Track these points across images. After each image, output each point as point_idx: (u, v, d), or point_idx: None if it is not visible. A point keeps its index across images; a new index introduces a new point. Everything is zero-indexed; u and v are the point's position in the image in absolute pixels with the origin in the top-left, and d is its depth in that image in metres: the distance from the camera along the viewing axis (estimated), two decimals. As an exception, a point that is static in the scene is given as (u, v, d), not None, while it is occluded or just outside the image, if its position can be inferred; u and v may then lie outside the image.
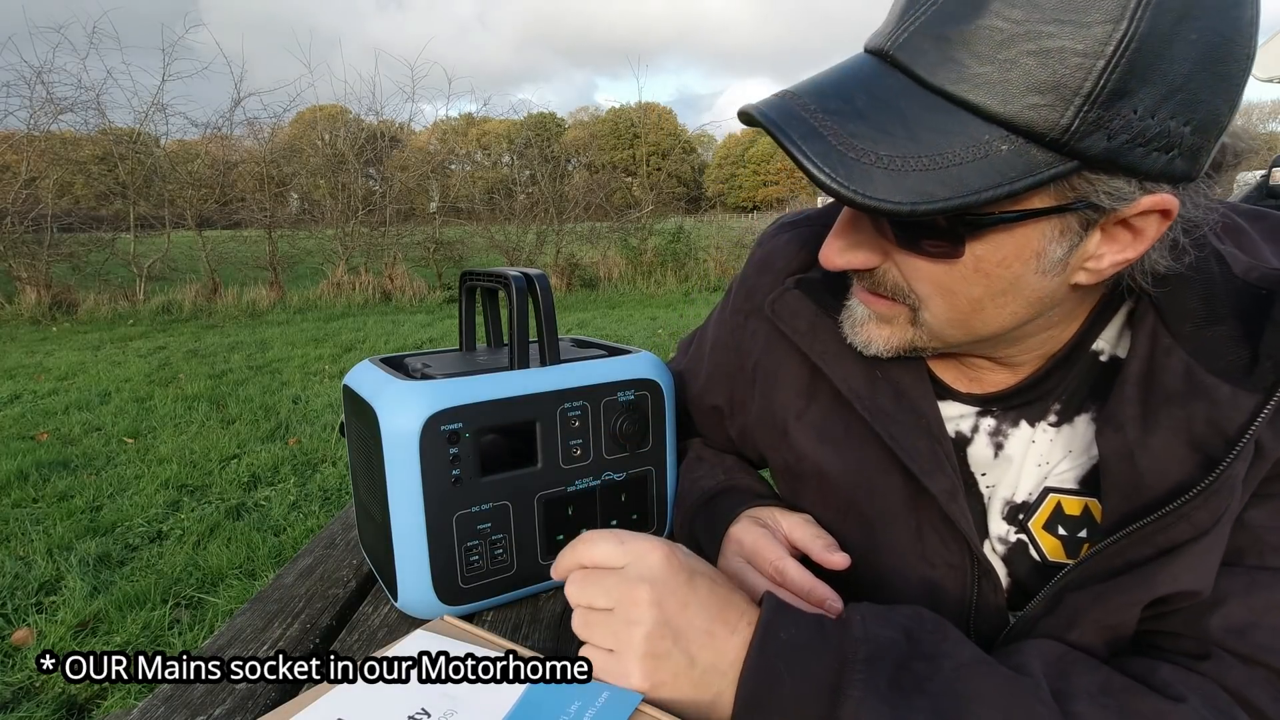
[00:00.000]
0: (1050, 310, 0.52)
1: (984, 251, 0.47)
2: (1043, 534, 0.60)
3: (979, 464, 0.62)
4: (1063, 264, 0.48)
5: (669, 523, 0.77)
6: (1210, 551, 0.48)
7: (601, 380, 0.69)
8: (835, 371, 0.63)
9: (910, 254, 0.49)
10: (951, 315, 0.51)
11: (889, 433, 0.60)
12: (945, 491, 0.59)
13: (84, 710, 1.62)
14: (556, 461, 0.67)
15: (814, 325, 0.64)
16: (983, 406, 0.61)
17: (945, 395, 0.63)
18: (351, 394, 0.67)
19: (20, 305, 7.62)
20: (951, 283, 0.49)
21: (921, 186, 0.42)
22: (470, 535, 0.64)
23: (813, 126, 0.44)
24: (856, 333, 0.57)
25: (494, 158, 17.92)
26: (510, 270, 0.67)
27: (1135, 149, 0.42)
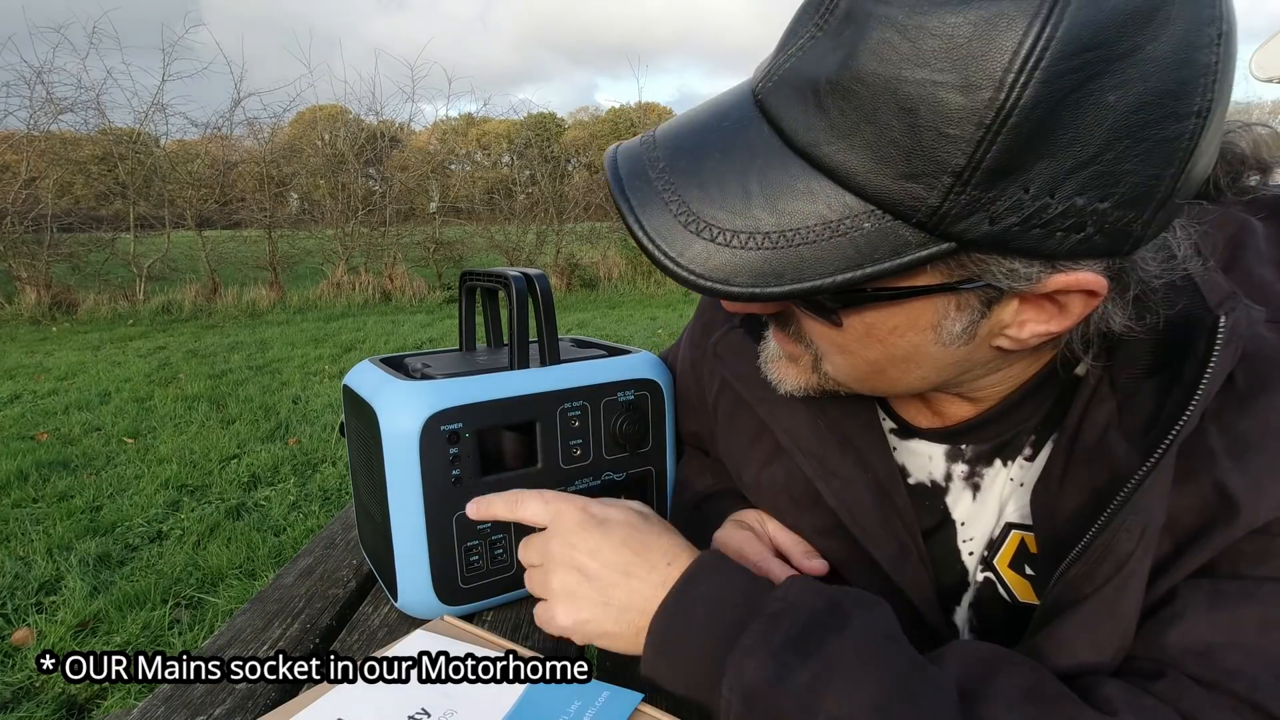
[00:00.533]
0: (983, 369, 0.47)
1: (873, 319, 0.43)
2: (1009, 573, 0.55)
3: (960, 513, 0.57)
4: (968, 335, 0.43)
5: (669, 518, 0.77)
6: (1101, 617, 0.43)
7: (601, 380, 0.68)
8: (778, 422, 0.60)
9: (803, 315, 0.46)
10: (852, 373, 0.48)
11: (830, 489, 0.57)
12: (890, 556, 0.55)
13: (84, 710, 1.62)
14: (557, 461, 0.67)
15: (755, 371, 0.58)
16: (950, 444, 0.57)
17: (909, 434, 0.58)
18: (351, 394, 0.67)
19: (20, 305, 7.61)
20: (846, 344, 0.45)
21: (766, 267, 0.37)
22: (470, 535, 0.64)
23: (656, 190, 0.40)
24: (769, 369, 0.55)
25: (494, 158, 17.91)
26: (510, 270, 0.67)
27: (1030, 231, 0.36)
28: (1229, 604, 0.41)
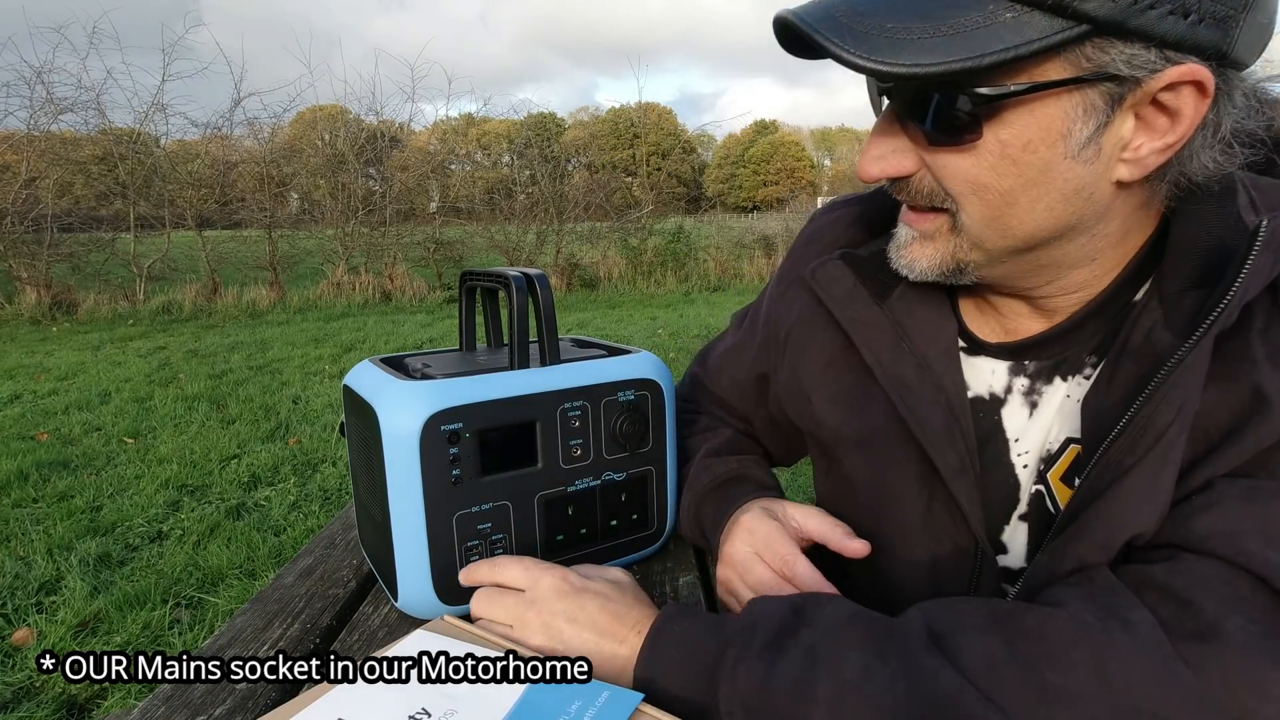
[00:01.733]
0: (1093, 217, 0.50)
1: (1008, 136, 0.46)
2: (1059, 485, 0.58)
3: (1014, 428, 0.60)
4: (1094, 148, 0.46)
5: (669, 522, 0.77)
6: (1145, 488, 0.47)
7: (602, 380, 0.68)
8: (862, 337, 0.64)
9: (938, 150, 0.49)
10: (986, 213, 0.50)
11: (905, 403, 0.61)
12: (952, 468, 0.59)
13: (84, 710, 1.62)
14: (557, 461, 0.67)
15: (850, 294, 0.65)
16: (1014, 360, 0.60)
17: (977, 350, 0.62)
18: (352, 394, 0.67)
19: (20, 305, 7.62)
20: (981, 175, 0.48)
21: (926, 53, 0.43)
22: (470, 535, 0.64)
23: (828, 11, 0.46)
24: (901, 255, 0.57)
25: (494, 158, 17.92)
26: (510, 270, 0.67)
27: (1146, 11, 0.41)
28: (1263, 498, 0.44)
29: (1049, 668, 0.42)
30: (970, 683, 0.43)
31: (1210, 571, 0.44)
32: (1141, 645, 0.42)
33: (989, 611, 0.47)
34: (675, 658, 0.50)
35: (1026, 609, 0.46)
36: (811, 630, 0.48)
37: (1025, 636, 0.44)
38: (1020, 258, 0.53)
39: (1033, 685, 0.42)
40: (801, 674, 0.45)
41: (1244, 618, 0.41)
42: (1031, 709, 0.42)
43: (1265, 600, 0.42)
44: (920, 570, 0.63)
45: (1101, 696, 0.41)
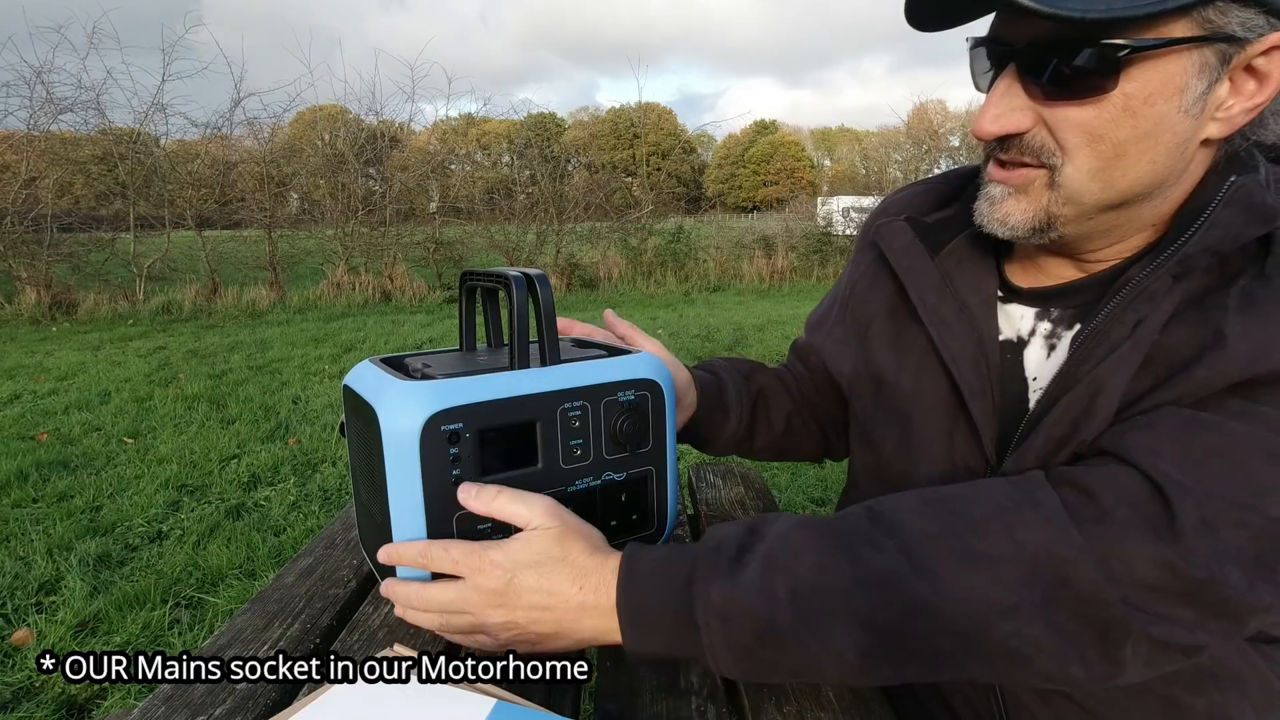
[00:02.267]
0: (1179, 174, 0.55)
1: (1132, 88, 0.51)
2: None
3: (1033, 367, 0.65)
4: (1200, 104, 0.51)
5: (670, 521, 0.77)
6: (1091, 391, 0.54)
7: (602, 380, 0.68)
8: (912, 282, 0.71)
9: (1061, 103, 0.53)
10: (1095, 164, 0.54)
11: (940, 336, 0.68)
12: (974, 390, 0.65)
13: (84, 710, 1.63)
14: (557, 462, 0.67)
15: (908, 248, 0.72)
16: (1042, 305, 0.66)
17: (1011, 298, 0.69)
18: (352, 394, 0.67)
19: (20, 305, 7.62)
20: (1100, 126, 0.52)
21: (1089, 3, 0.47)
22: (471, 536, 0.64)
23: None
24: (994, 211, 0.61)
25: (494, 158, 17.93)
26: (510, 270, 0.67)
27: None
28: (1195, 429, 0.50)
29: (971, 536, 0.50)
30: (906, 557, 0.50)
31: (1122, 475, 0.50)
32: (1044, 517, 0.49)
33: (921, 496, 0.54)
34: (651, 582, 0.54)
35: (954, 492, 0.54)
36: (766, 542, 0.53)
37: (952, 514, 0.52)
38: (1106, 215, 0.57)
39: (958, 551, 0.49)
40: (763, 580, 0.51)
41: (1131, 510, 0.49)
42: (957, 571, 0.49)
43: (1157, 506, 0.48)
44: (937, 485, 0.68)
45: (1013, 556, 0.49)
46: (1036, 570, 0.48)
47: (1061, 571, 0.48)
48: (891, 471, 0.73)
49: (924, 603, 0.48)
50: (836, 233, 12.25)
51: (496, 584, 0.56)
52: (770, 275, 10.53)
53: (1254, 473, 0.48)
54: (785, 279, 10.49)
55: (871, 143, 51.86)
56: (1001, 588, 0.48)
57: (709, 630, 0.51)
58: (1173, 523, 0.47)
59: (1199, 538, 0.47)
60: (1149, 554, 0.47)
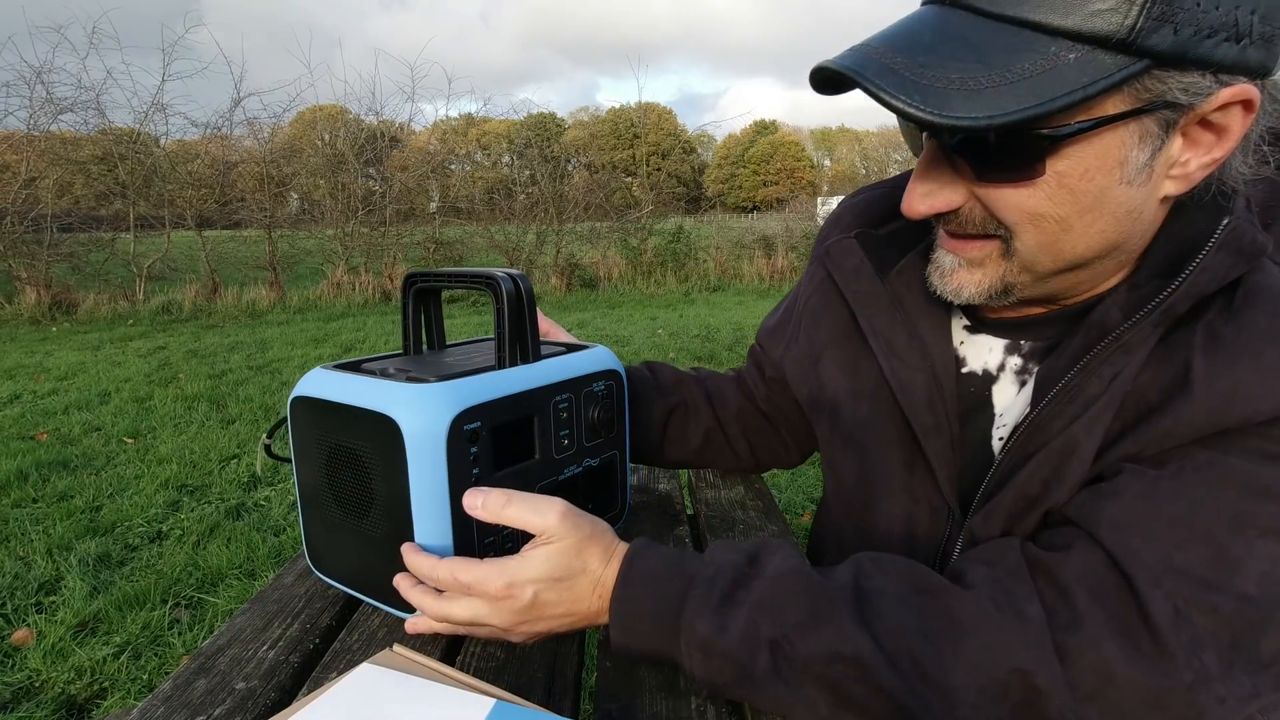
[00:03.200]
0: (1138, 234, 0.53)
1: (1065, 167, 0.47)
2: None
3: (1001, 404, 0.63)
4: (1147, 171, 0.48)
5: (628, 499, 0.83)
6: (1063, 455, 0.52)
7: (582, 373, 0.73)
8: (862, 307, 0.68)
9: (992, 185, 0.50)
10: (1042, 239, 0.51)
11: (890, 366, 0.65)
12: (926, 427, 0.63)
13: (83, 710, 1.62)
14: (550, 452, 0.70)
15: (858, 270, 0.70)
16: (1011, 338, 0.63)
17: (979, 328, 0.65)
18: (324, 405, 0.65)
19: (20, 305, 7.62)
20: (1037, 205, 0.49)
21: (995, 102, 0.43)
22: (488, 532, 0.64)
23: (886, 64, 0.45)
24: (946, 281, 0.58)
25: (494, 158, 17.94)
26: (497, 271, 0.69)
27: (1203, 40, 0.42)
28: (1159, 496, 0.49)
29: (949, 642, 0.48)
30: (883, 650, 0.49)
31: (1093, 561, 0.49)
32: (1027, 639, 0.47)
33: (913, 583, 0.52)
34: (645, 598, 0.55)
35: (944, 588, 0.51)
36: (761, 582, 0.53)
37: (938, 612, 0.50)
38: (1065, 275, 0.55)
39: (935, 658, 0.48)
40: (748, 628, 0.51)
41: (1105, 612, 0.47)
42: (931, 674, 0.48)
43: (1127, 598, 0.47)
44: (897, 525, 0.67)
45: (989, 673, 0.47)
46: (1009, 690, 0.47)
47: (1035, 696, 0.46)
48: (855, 502, 0.72)
49: (892, 692, 0.48)
50: (836, 233, 12.22)
51: (521, 604, 0.56)
52: (770, 275, 10.52)
53: (1223, 545, 0.46)
54: (785, 279, 10.48)
55: (871, 142, 51.88)
56: (971, 696, 0.47)
57: (689, 657, 0.53)
58: (1146, 622, 0.46)
59: (1174, 634, 0.45)
60: (1125, 671, 0.45)
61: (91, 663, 1.76)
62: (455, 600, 0.57)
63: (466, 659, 0.60)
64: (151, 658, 1.80)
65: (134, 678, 1.72)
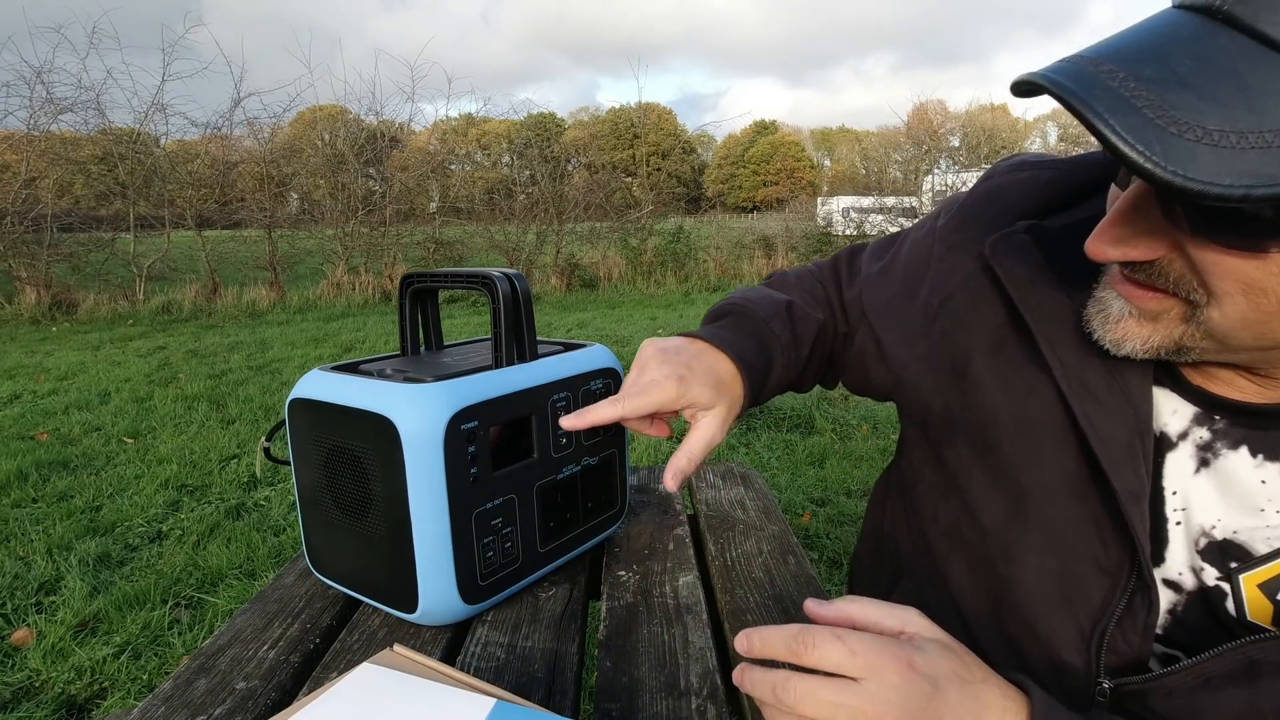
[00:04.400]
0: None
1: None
2: (1254, 591, 0.52)
3: (1172, 476, 0.54)
4: None
5: (628, 498, 0.83)
6: None
7: (579, 371, 0.73)
8: (1043, 329, 0.56)
9: (1211, 247, 0.41)
10: (1250, 316, 0.42)
11: (1085, 414, 0.54)
12: (1130, 491, 0.52)
13: (83, 710, 1.62)
14: (549, 451, 0.70)
15: (1035, 278, 0.57)
16: (1205, 409, 0.53)
17: (1167, 382, 0.54)
18: (321, 407, 0.65)
19: (20, 305, 7.62)
20: (1263, 280, 0.40)
21: (1259, 167, 0.33)
22: (486, 532, 0.64)
23: (1122, 96, 0.35)
24: (1109, 330, 0.49)
25: (494, 158, 17.94)
26: (493, 271, 0.69)
27: None
28: None
29: None
30: None
31: None
32: None
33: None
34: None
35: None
36: None
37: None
38: (1260, 354, 0.46)
39: None
40: None
41: None
42: None
43: None
44: (1050, 581, 0.58)
45: None
46: None
47: None
48: (991, 548, 0.60)
49: None
50: (836, 233, 12.26)
51: (918, 695, 0.43)
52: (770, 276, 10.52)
53: None
54: (785, 279, 10.47)
55: (871, 143, 51.82)
56: None
57: None
58: None
59: None
60: None
61: (91, 663, 1.76)
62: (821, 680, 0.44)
63: (466, 659, 0.61)
64: (151, 658, 1.80)
65: (134, 678, 1.72)
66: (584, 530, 0.76)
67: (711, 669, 0.58)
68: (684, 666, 0.59)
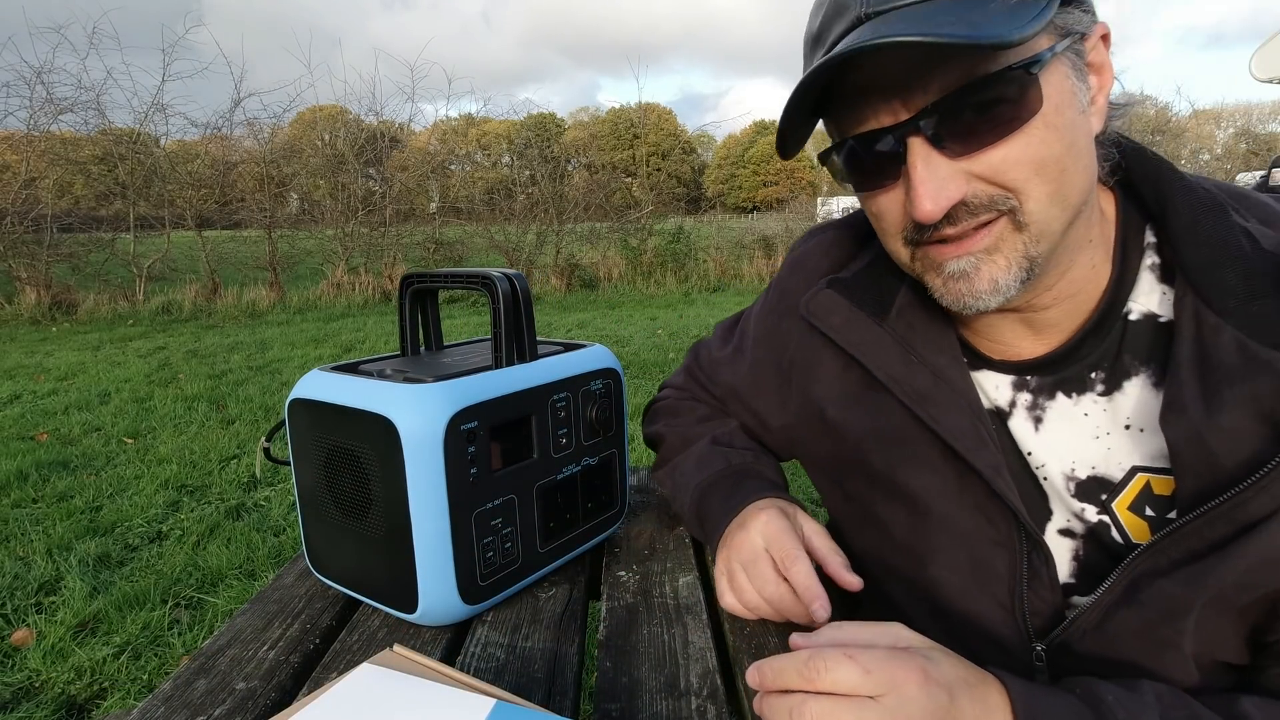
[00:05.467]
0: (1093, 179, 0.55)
1: (1043, 107, 0.50)
2: (1128, 514, 0.58)
3: (1023, 440, 0.62)
4: (1085, 98, 0.52)
5: (627, 498, 0.83)
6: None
7: (579, 371, 0.73)
8: (871, 359, 0.65)
9: (988, 148, 0.50)
10: (1049, 188, 0.51)
11: (929, 415, 0.61)
12: (990, 467, 0.59)
13: (83, 710, 1.62)
14: (549, 451, 0.70)
15: (848, 320, 0.67)
16: (1017, 375, 0.62)
17: (980, 365, 0.64)
18: (318, 406, 0.65)
19: (20, 305, 7.62)
20: (1038, 151, 0.50)
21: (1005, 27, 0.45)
22: (486, 532, 0.64)
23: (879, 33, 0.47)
24: (974, 285, 0.54)
25: (494, 158, 17.93)
26: (493, 271, 0.69)
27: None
28: None
29: None
30: None
31: None
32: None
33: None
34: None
35: None
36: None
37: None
38: (1066, 236, 0.54)
39: None
40: None
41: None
42: None
43: None
44: (961, 571, 0.63)
45: None
46: None
47: None
48: (909, 555, 0.66)
49: None
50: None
51: (936, 705, 0.45)
52: (770, 275, 10.52)
53: None
54: (785, 279, 10.48)
55: (871, 143, 51.61)
56: None
57: None
58: None
59: None
60: None
61: (91, 663, 1.76)
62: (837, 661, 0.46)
63: (466, 659, 0.60)
64: (151, 658, 1.80)
65: (134, 678, 1.72)
66: (584, 530, 0.76)
67: (711, 669, 0.58)
68: (684, 666, 0.59)
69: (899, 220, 0.56)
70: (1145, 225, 0.58)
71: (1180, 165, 0.65)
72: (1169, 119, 19.59)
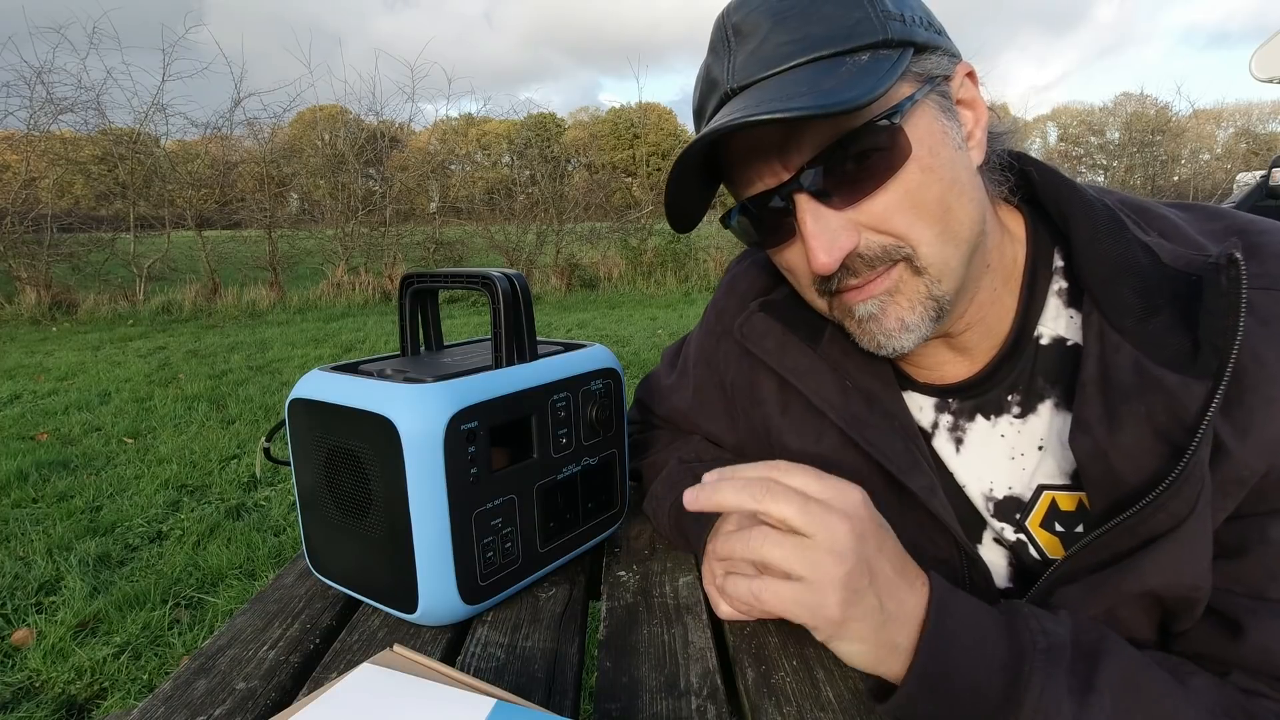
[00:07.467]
0: (984, 207, 0.57)
1: (916, 151, 0.52)
2: (1040, 532, 0.61)
3: (947, 460, 0.64)
4: (959, 136, 0.55)
5: (627, 498, 0.82)
6: (1194, 539, 0.49)
7: (579, 371, 0.73)
8: (806, 385, 0.67)
9: (869, 197, 0.53)
10: (935, 228, 0.53)
11: (864, 438, 0.63)
12: (925, 488, 0.61)
13: (83, 710, 1.62)
14: (549, 451, 0.70)
15: (781, 343, 0.69)
16: (940, 397, 0.64)
17: (906, 386, 0.67)
18: (318, 406, 0.65)
19: (20, 305, 7.62)
20: (916, 194, 0.52)
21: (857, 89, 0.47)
22: (487, 532, 0.64)
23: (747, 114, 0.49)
24: (881, 326, 0.57)
25: (494, 158, 17.93)
26: (493, 271, 0.69)
27: (921, 29, 0.53)
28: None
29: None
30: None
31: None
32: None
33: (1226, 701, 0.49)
34: (965, 644, 0.49)
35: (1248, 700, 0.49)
36: (1103, 670, 0.48)
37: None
38: (968, 269, 0.56)
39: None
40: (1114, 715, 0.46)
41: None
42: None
43: None
44: None
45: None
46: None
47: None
48: None
49: None
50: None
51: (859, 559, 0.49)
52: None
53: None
54: (785, 279, 10.48)
55: (871, 143, 51.60)
56: None
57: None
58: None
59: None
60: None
61: (91, 663, 1.76)
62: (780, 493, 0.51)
63: (466, 659, 0.61)
64: (151, 658, 1.80)
65: (134, 678, 1.72)
66: (584, 530, 0.76)
67: (711, 669, 0.58)
68: (684, 666, 0.59)
69: (808, 273, 0.58)
70: (1054, 248, 0.60)
71: (1180, 165, 0.66)
72: (1169, 119, 19.59)
